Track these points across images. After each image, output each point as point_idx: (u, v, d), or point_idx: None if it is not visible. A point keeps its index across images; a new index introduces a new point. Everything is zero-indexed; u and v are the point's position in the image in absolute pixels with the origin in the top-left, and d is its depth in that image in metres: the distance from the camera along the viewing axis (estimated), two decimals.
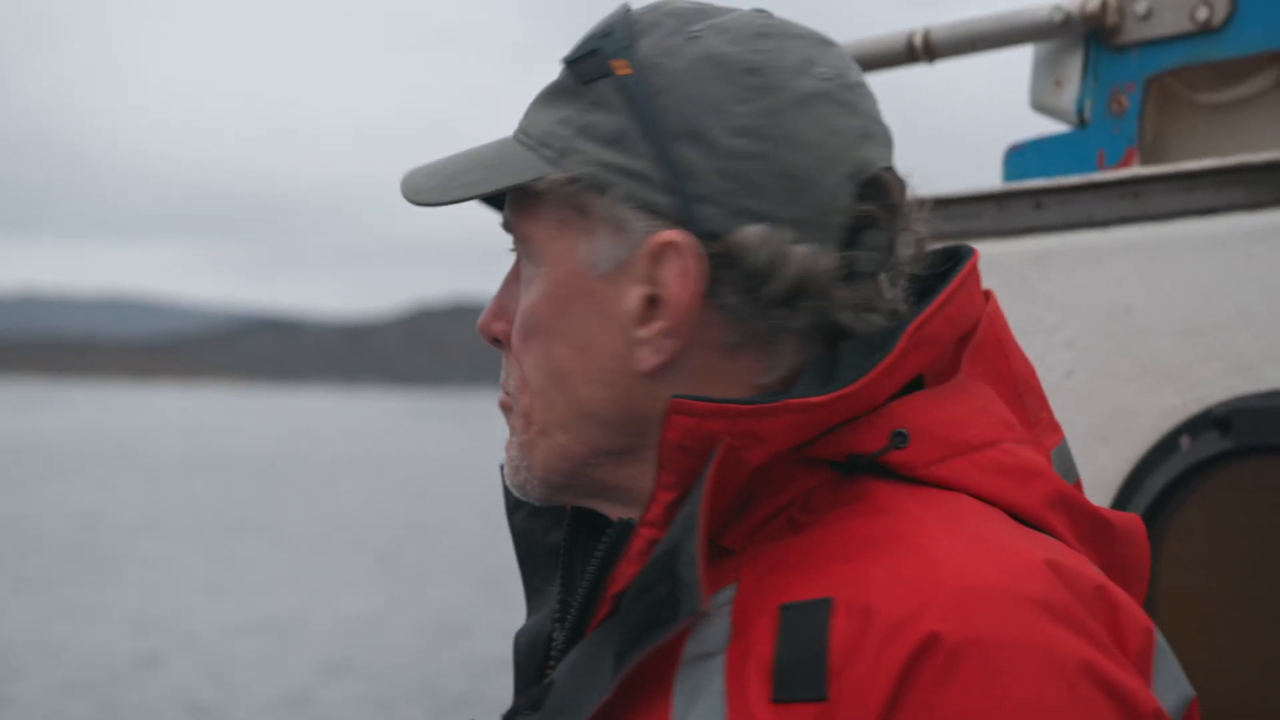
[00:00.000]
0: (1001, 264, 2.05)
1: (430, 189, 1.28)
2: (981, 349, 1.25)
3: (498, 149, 1.27)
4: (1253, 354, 1.91)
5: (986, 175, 2.40)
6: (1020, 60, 2.45)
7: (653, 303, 1.19)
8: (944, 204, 2.06)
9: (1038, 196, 2.07)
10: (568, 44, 1.17)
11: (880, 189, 1.22)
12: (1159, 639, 1.16)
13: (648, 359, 1.20)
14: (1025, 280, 2.06)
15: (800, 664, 1.07)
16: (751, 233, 1.17)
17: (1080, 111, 2.36)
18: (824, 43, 1.25)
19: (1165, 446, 1.93)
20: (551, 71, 1.26)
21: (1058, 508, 1.20)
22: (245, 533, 24.60)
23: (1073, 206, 2.03)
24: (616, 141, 1.21)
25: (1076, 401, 1.97)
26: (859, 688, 1.05)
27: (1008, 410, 1.24)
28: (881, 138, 1.25)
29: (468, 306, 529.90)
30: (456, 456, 54.17)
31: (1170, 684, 1.16)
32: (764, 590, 1.12)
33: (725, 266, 1.18)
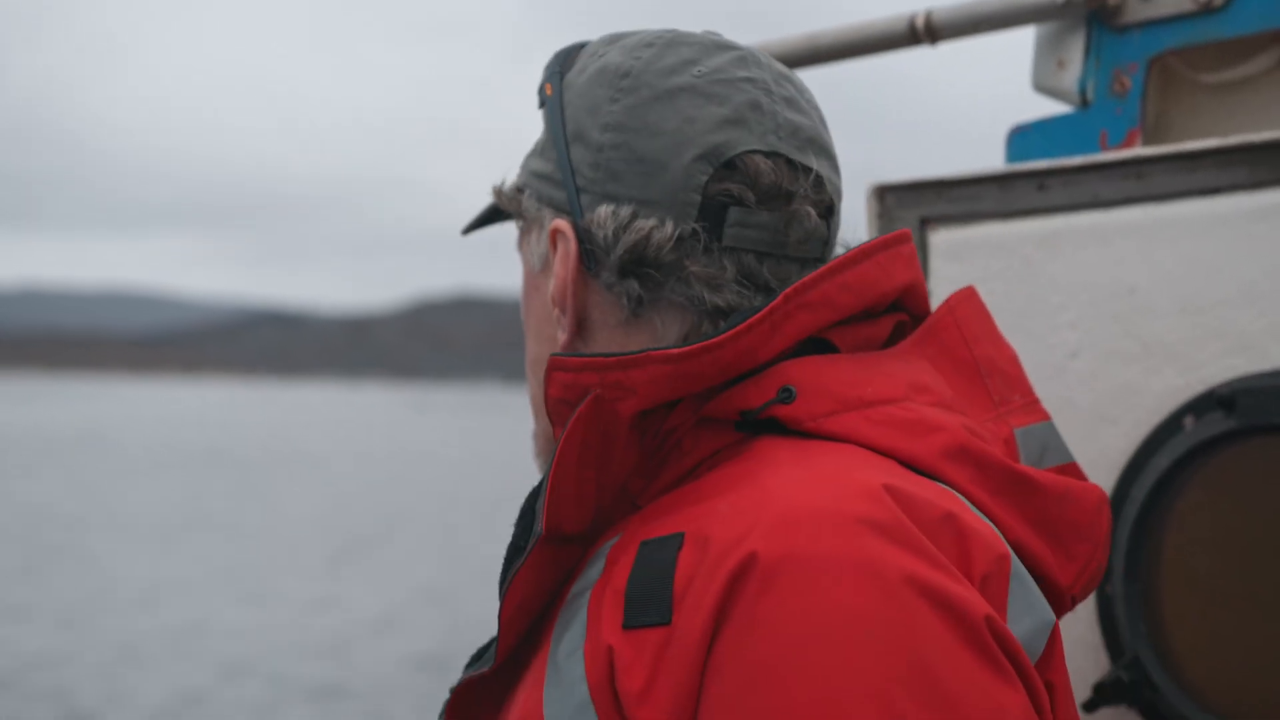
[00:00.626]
0: (1005, 245, 2.08)
1: (466, 225, 1.52)
2: (934, 333, 1.33)
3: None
4: (1256, 333, 1.92)
5: (990, 157, 2.36)
6: (1022, 41, 2.42)
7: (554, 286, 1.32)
8: (947, 186, 2.10)
9: (1041, 178, 2.07)
10: (566, 37, 1.15)
11: (744, 170, 1.28)
12: (1016, 566, 1.18)
13: (559, 339, 1.33)
14: (1029, 262, 2.07)
15: (648, 592, 1.13)
16: (601, 211, 1.29)
17: (1083, 92, 2.35)
18: (724, 49, 1.35)
19: (1169, 426, 1.93)
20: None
21: (958, 459, 1.23)
22: (205, 529, 23.57)
23: (1076, 187, 2.03)
24: (542, 152, 1.37)
25: (1080, 382, 2.00)
26: (693, 610, 1.10)
27: (939, 383, 1.30)
28: (761, 125, 1.31)
29: (470, 299, 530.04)
30: (450, 449, 53.20)
31: (1025, 610, 1.17)
32: (637, 533, 1.20)
33: (587, 245, 1.30)
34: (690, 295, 1.28)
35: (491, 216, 1.48)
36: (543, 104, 1.39)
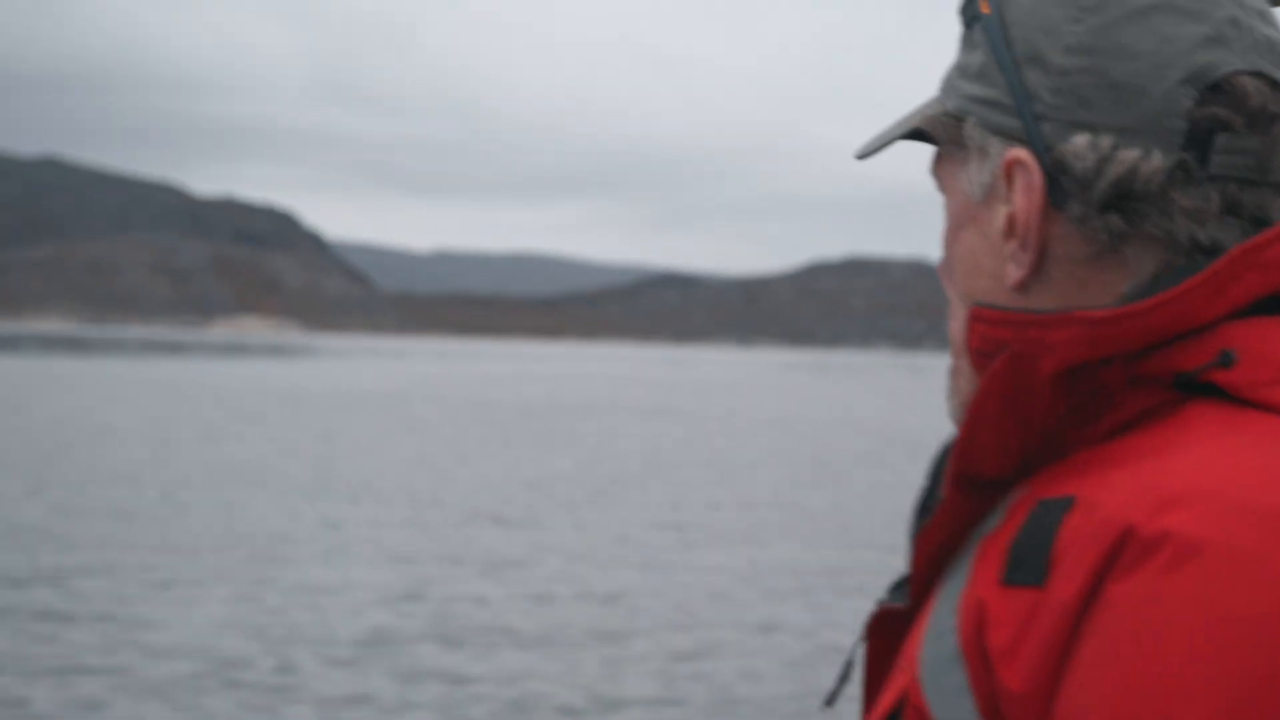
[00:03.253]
0: None
1: (865, 143, 1.42)
2: None
3: (925, 101, 1.40)
4: None
5: None
6: None
7: (1011, 220, 1.26)
8: None
9: None
10: None
11: (1231, 93, 1.21)
12: None
13: (1012, 274, 1.26)
14: None
15: (1029, 551, 1.11)
16: (1078, 141, 1.22)
17: None
18: None
19: None
20: (951, 23, 1.39)
21: None
22: (388, 495, 23.12)
23: None
24: (981, 75, 1.31)
25: None
26: (1066, 578, 1.07)
27: None
28: (1241, 42, 1.24)
29: (861, 264, 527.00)
30: (820, 410, 51.92)
31: None
32: (1042, 488, 1.17)
33: (1060, 177, 1.23)
34: (1170, 229, 1.21)
35: (897, 140, 1.42)
36: (971, 22, 1.35)
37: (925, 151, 1.37)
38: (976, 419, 1.19)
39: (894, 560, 15.67)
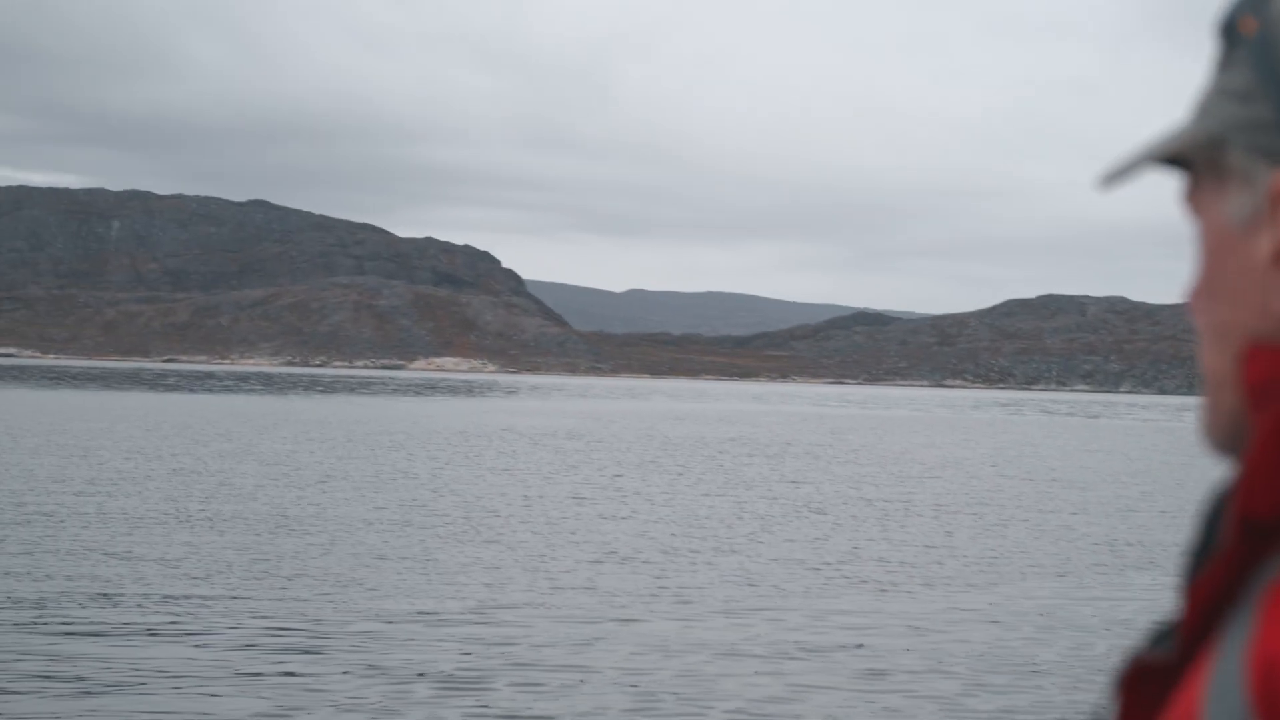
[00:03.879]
0: None
1: (1107, 171, 1.32)
2: None
3: (1173, 127, 1.30)
4: None
5: None
6: None
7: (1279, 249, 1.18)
8: None
9: None
10: (1170, 31, 0.60)
11: None
12: None
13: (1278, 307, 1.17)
14: None
15: None
16: None
17: None
18: None
19: None
20: (1149, 56, 0.98)
21: None
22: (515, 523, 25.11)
23: None
24: (1245, 96, 1.22)
25: None
26: None
27: None
28: None
29: (1058, 303, 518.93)
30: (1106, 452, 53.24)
31: None
32: None
33: None
34: None
35: (1144, 167, 1.30)
36: (1234, 42, 1.24)
37: (1127, 189, 1.19)
38: (1262, 460, 1.11)
39: (1109, 605, 17.41)
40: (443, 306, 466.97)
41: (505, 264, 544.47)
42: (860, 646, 14.99)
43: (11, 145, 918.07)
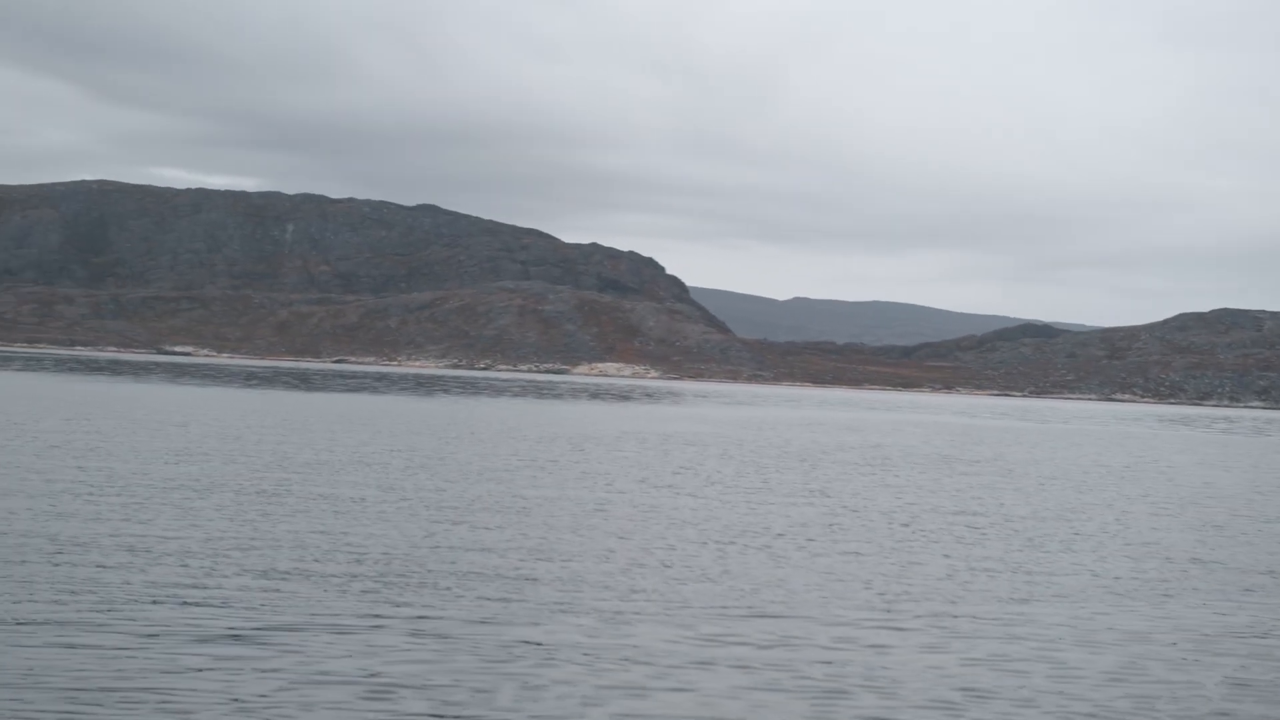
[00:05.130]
0: None
1: None
2: None
3: None
4: None
5: None
6: None
7: None
8: None
9: None
10: None
11: None
12: None
13: None
14: None
15: None
16: None
17: None
18: None
19: None
20: None
21: None
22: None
23: None
24: None
25: None
26: None
27: None
28: None
29: (1233, 317, 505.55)
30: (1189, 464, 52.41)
31: None
32: None
33: None
34: None
35: None
36: None
37: None
38: None
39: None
40: (606, 312, 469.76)
41: (669, 270, 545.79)
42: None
43: (192, 148, 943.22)
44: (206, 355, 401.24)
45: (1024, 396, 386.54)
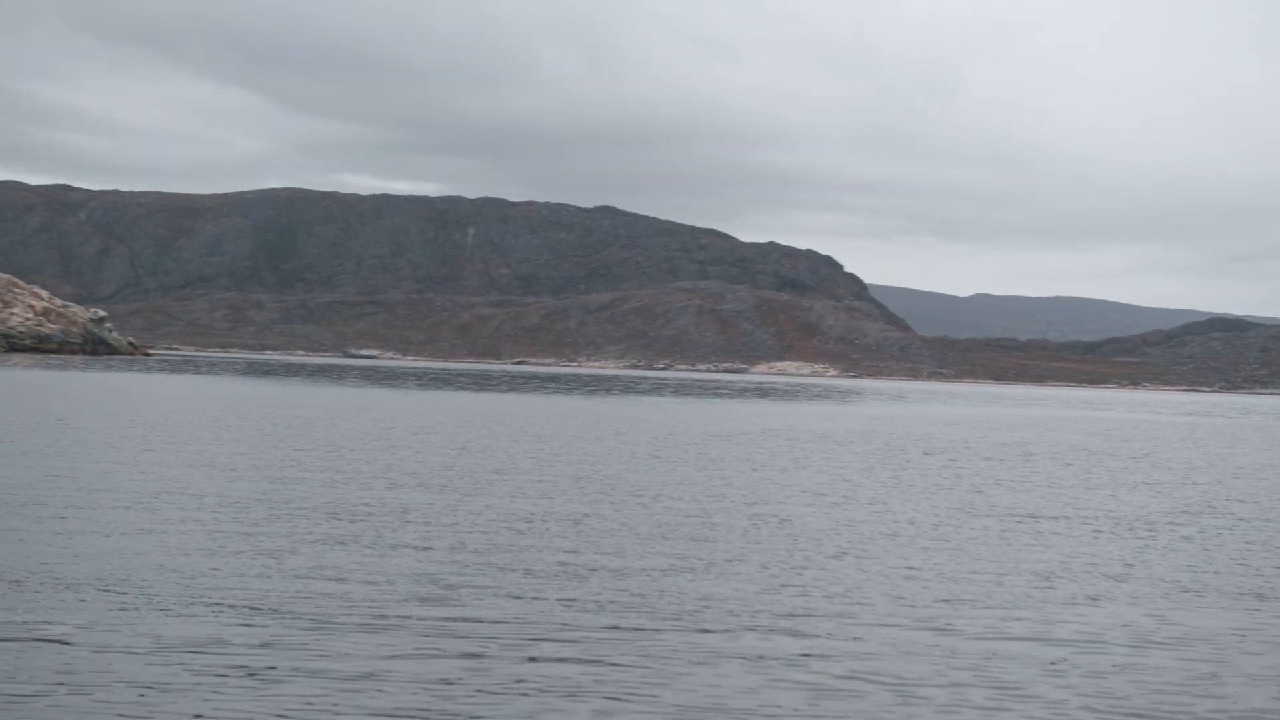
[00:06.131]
0: None
1: None
2: None
3: None
4: None
5: None
6: None
7: None
8: None
9: None
10: None
11: None
12: None
13: None
14: None
15: None
16: None
17: None
18: None
19: None
20: None
21: None
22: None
23: None
24: None
25: None
26: None
27: None
28: None
29: None
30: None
31: None
32: None
33: None
34: None
35: None
36: None
37: None
38: None
39: None
40: (785, 311, 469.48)
41: (848, 269, 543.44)
42: None
43: (376, 155, 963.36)
44: (390, 358, 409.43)
45: (1214, 392, 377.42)
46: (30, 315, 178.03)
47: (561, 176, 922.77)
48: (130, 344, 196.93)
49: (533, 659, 13.25)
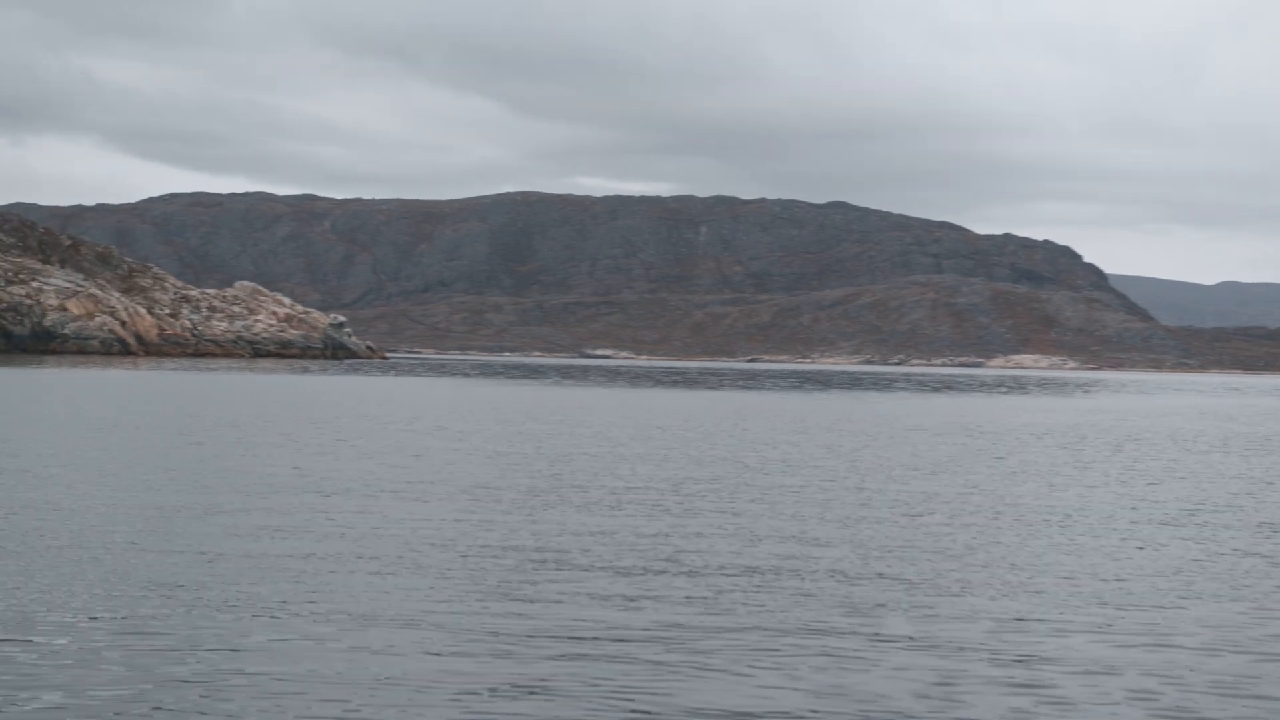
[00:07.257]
0: None
1: None
2: None
3: None
4: None
5: None
6: None
7: None
8: None
9: None
10: None
11: None
12: None
13: None
14: None
15: None
16: None
17: None
18: None
19: None
20: None
21: None
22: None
23: None
24: None
25: None
26: None
27: None
28: None
29: None
30: None
31: None
32: None
33: None
34: None
35: None
36: None
37: None
38: None
39: None
40: (1021, 303, 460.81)
41: (1087, 259, 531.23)
42: None
43: (610, 157, 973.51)
44: (625, 357, 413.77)
45: None
46: (274, 322, 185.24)
47: (792, 173, 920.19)
48: (369, 348, 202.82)
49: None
